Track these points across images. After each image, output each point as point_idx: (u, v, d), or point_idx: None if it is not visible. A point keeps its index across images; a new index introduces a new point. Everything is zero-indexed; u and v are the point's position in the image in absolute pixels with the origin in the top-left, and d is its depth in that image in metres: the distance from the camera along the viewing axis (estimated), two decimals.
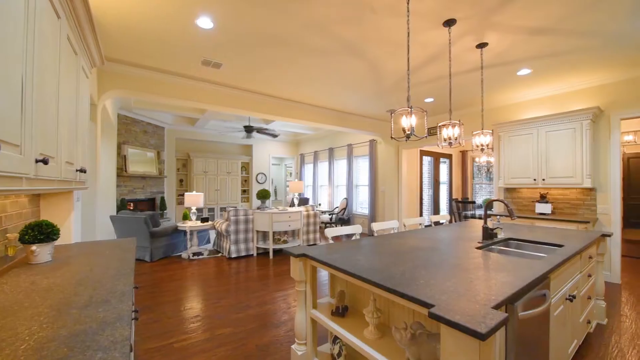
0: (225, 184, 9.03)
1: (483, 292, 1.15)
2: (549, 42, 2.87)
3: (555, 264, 1.54)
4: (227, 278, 3.89)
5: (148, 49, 3.08)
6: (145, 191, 6.88)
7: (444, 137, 2.57)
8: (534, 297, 1.36)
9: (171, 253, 5.08)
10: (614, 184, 3.74)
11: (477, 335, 0.82)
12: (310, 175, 9.90)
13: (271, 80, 3.99)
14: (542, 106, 4.42)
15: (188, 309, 2.92)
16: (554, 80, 3.93)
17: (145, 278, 3.87)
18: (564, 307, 1.75)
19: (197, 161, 8.51)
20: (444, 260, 1.63)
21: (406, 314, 1.56)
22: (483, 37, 2.79)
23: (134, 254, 1.68)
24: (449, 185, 8.56)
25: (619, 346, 2.26)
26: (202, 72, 3.69)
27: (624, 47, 2.98)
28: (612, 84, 3.77)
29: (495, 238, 2.28)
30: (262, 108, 4.68)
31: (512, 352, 1.20)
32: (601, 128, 3.86)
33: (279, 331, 2.50)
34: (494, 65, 3.45)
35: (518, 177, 4.33)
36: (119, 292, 1.11)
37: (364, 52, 3.11)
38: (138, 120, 6.69)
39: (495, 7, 2.33)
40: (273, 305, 3.02)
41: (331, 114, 5.65)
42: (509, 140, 4.43)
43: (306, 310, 1.90)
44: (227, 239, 4.94)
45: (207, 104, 4.16)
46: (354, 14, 2.41)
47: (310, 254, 1.77)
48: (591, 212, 3.92)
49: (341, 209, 7.62)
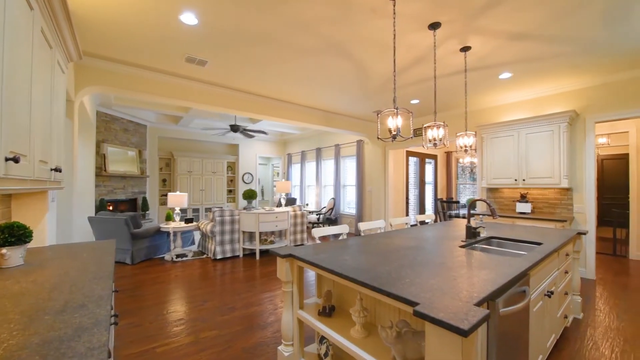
0: (211, 184, 8.87)
1: (466, 290, 1.17)
2: (529, 47, 2.98)
3: (534, 261, 1.60)
4: (212, 280, 3.81)
5: (129, 44, 2.98)
6: (126, 191, 6.67)
7: (429, 138, 2.62)
8: (515, 293, 1.40)
9: (153, 255, 4.94)
10: (589, 184, 3.92)
11: (460, 332, 0.84)
12: (297, 175, 9.87)
13: (258, 78, 3.95)
14: (522, 109, 4.57)
15: (171, 312, 2.84)
16: (534, 84, 4.08)
17: (126, 281, 3.75)
18: (543, 302, 1.82)
19: (181, 160, 8.31)
20: (429, 259, 1.66)
21: (392, 312, 1.57)
22: (467, 40, 2.86)
23: (113, 257, 1.62)
24: (434, 185, 8.73)
25: (594, 339, 2.37)
26: (186, 69, 3.61)
27: (597, 54, 3.13)
28: (587, 89, 3.95)
29: (478, 237, 2.34)
30: (248, 107, 4.62)
31: (493, 347, 1.23)
32: (577, 131, 4.03)
33: (265, 333, 2.47)
34: (477, 69, 3.54)
35: (500, 178, 4.47)
36: (97, 296, 1.06)
37: (351, 52, 3.13)
38: (118, 117, 6.47)
39: (478, 12, 2.39)
40: (260, 307, 2.99)
41: (318, 114, 5.65)
42: (491, 141, 4.57)
43: (293, 311, 1.89)
44: (212, 240, 4.85)
45: (192, 102, 4.07)
46: (340, 13, 2.42)
47: (297, 254, 1.76)
48: (568, 211, 4.09)
49: (329, 209, 7.64)
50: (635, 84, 3.58)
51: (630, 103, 3.62)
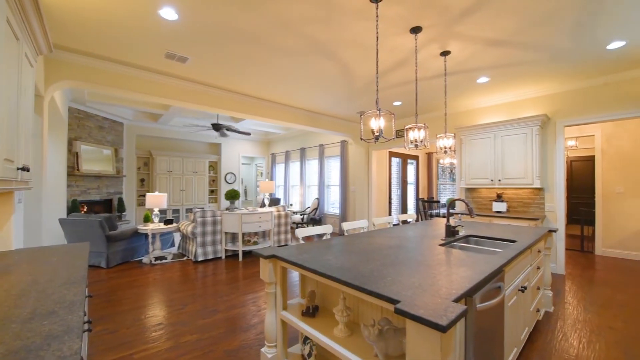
0: (192, 184, 8.64)
1: (445, 287, 1.21)
2: (504, 53, 3.11)
3: (509, 258, 1.67)
4: (193, 282, 3.72)
5: (104, 37, 2.85)
6: (101, 192, 6.38)
7: (411, 139, 2.68)
8: (491, 289, 1.46)
9: (131, 258, 4.75)
10: (559, 184, 4.15)
11: (439, 328, 0.87)
12: (281, 175, 9.80)
13: (241, 77, 3.89)
14: (499, 112, 4.77)
15: (149, 317, 2.75)
16: (509, 89, 4.27)
17: (101, 286, 3.58)
18: (517, 297, 1.90)
19: (160, 160, 8.05)
20: (410, 258, 1.70)
21: (375, 310, 1.60)
22: (446, 45, 2.94)
23: (86, 260, 1.54)
24: (416, 185, 8.94)
25: (564, 330, 2.51)
26: (166, 65, 3.50)
27: (565, 62, 3.31)
28: (557, 94, 4.17)
29: (457, 235, 2.42)
30: (231, 105, 4.55)
31: (471, 341, 1.28)
32: (548, 134, 4.25)
33: (248, 335, 2.44)
34: (456, 73, 3.66)
35: (478, 178, 4.64)
36: (68, 302, 1.01)
37: (335, 53, 3.14)
38: (93, 114, 6.17)
39: (457, 18, 2.47)
40: (242, 309, 2.94)
41: (302, 114, 5.64)
42: (469, 143, 4.73)
43: (276, 312, 1.87)
44: (193, 242, 4.73)
45: (172, 99, 3.95)
46: (324, 14, 2.43)
47: (280, 255, 1.75)
48: (540, 210, 4.30)
49: (313, 209, 7.64)
50: (599, 92, 3.82)
51: (594, 109, 3.86)
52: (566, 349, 2.23)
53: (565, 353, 2.17)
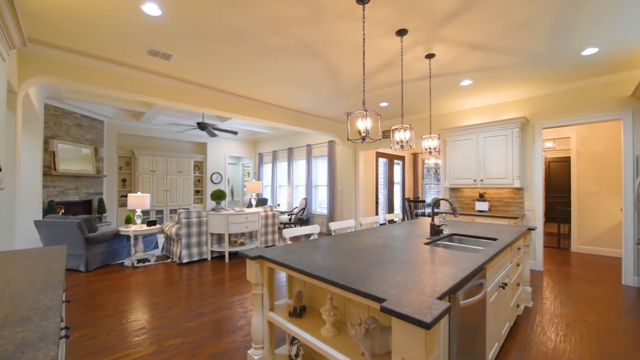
0: (176, 184, 8.44)
1: (429, 285, 1.23)
2: (486, 57, 3.21)
3: (490, 255, 1.72)
4: (177, 285, 3.64)
5: (83, 32, 2.75)
6: (80, 192, 6.14)
7: (397, 140, 2.72)
8: (473, 286, 1.50)
9: (112, 261, 4.60)
10: (537, 184, 4.31)
11: (423, 325, 0.88)
12: (269, 175, 9.73)
13: (227, 76, 3.84)
14: (481, 114, 4.91)
15: (131, 322, 2.66)
16: (491, 92, 4.40)
17: (80, 290, 3.45)
18: (498, 293, 1.96)
19: (142, 159, 7.82)
20: (396, 257, 1.72)
21: (362, 309, 1.61)
22: (431, 48, 3.01)
23: (63, 264, 1.48)
24: (402, 185, 9.07)
25: (542, 324, 2.61)
26: (149, 62, 3.41)
27: (543, 66, 3.45)
28: (536, 98, 4.34)
29: (441, 234, 2.47)
30: (216, 105, 4.48)
31: (454, 337, 1.31)
32: (528, 135, 4.41)
33: (235, 337, 2.41)
34: (441, 75, 3.74)
35: (461, 178, 4.76)
36: (44, 308, 0.97)
37: (322, 53, 3.15)
38: (71, 112, 5.94)
39: (441, 22, 2.52)
40: (229, 311, 2.90)
41: (290, 114, 5.62)
42: (453, 144, 4.85)
43: (263, 314, 1.86)
44: (178, 243, 4.63)
45: (155, 97, 3.85)
46: (311, 14, 2.43)
47: (267, 256, 1.74)
48: (520, 209, 4.46)
49: (300, 209, 7.62)
50: (573, 95, 4.00)
51: (570, 112, 4.04)
52: (544, 342, 2.32)
53: (543, 346, 2.26)
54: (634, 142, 3.61)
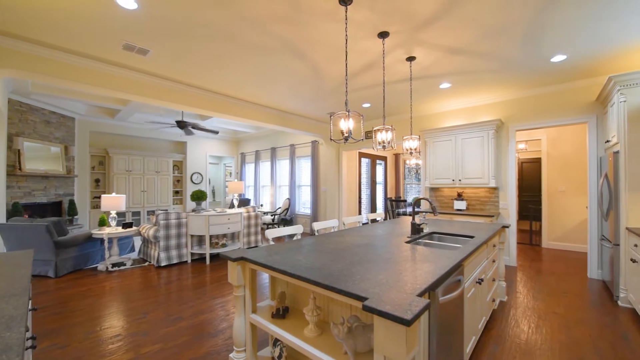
0: (154, 185, 8.15)
1: (410, 282, 1.26)
2: (464, 61, 3.32)
3: (467, 253, 1.78)
4: (155, 289, 3.51)
5: (52, 23, 2.60)
6: (48, 193, 5.80)
7: (379, 141, 2.76)
8: (451, 283, 1.55)
9: (84, 266, 4.37)
10: (511, 184, 4.51)
11: (404, 322, 0.90)
12: (251, 175, 9.60)
13: (207, 73, 3.75)
14: (460, 116, 5.08)
15: (105, 329, 2.54)
16: (469, 94, 4.56)
17: (49, 297, 3.25)
18: (475, 289, 2.04)
19: (117, 158, 7.49)
20: (378, 255, 1.75)
21: (345, 309, 1.62)
22: (412, 51, 3.07)
23: (29, 269, 1.39)
24: (384, 185, 9.22)
25: (516, 318, 2.73)
26: (124, 57, 3.27)
27: (517, 71, 3.62)
28: (510, 101, 4.54)
29: (422, 232, 2.54)
30: (197, 103, 4.36)
31: (434, 333, 1.34)
32: (502, 137, 4.61)
33: (216, 341, 2.35)
34: (421, 78, 3.83)
35: (440, 178, 4.90)
36: (7, 317, 0.91)
37: (305, 53, 3.14)
38: (38, 108, 5.59)
39: (421, 26, 2.59)
40: (210, 314, 2.83)
41: (273, 113, 5.57)
42: (433, 145, 4.98)
43: (245, 316, 1.83)
44: (156, 246, 4.47)
45: (131, 94, 3.70)
46: (294, 13, 2.42)
47: (249, 257, 1.72)
48: (495, 207, 4.65)
49: (284, 209, 7.57)
50: (544, 99, 4.22)
51: (541, 115, 4.26)
52: (518, 334, 2.43)
53: (517, 338, 2.37)
54: (597, 144, 3.86)
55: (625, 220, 2.92)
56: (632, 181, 2.88)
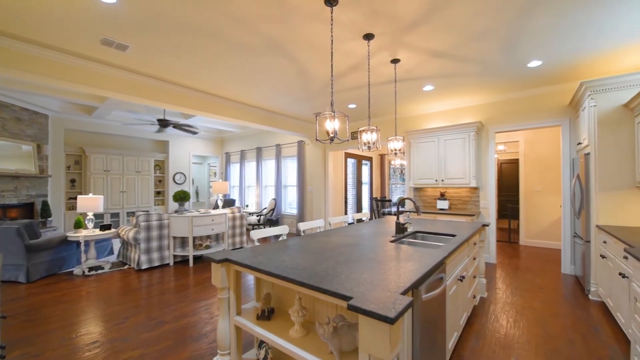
0: (134, 185, 7.89)
1: (394, 281, 1.28)
2: (446, 64, 3.41)
3: (449, 251, 1.83)
4: (135, 293, 3.40)
5: (23, 14, 2.46)
6: (19, 194, 5.49)
7: (364, 141, 2.79)
8: (434, 280, 1.58)
9: (58, 270, 4.17)
10: (491, 184, 4.67)
11: (388, 320, 0.92)
12: (236, 175, 9.46)
13: (191, 71, 3.67)
14: (442, 118, 5.21)
15: (82, 335, 2.44)
16: (451, 97, 4.68)
17: (20, 304, 3.09)
18: (457, 286, 2.09)
19: (95, 158, 7.20)
20: (363, 255, 1.77)
21: (330, 308, 1.63)
22: (396, 53, 3.12)
23: None
24: (370, 185, 9.32)
25: (495, 313, 2.83)
26: (102, 53, 3.15)
27: (496, 75, 3.75)
28: (490, 104, 4.70)
29: (406, 232, 2.58)
30: (180, 101, 4.26)
31: (417, 330, 1.37)
32: (482, 139, 4.76)
33: (200, 344, 2.31)
34: (405, 80, 3.90)
35: (424, 178, 5.01)
36: None
37: (291, 53, 3.13)
38: (8, 104, 5.30)
39: (405, 29, 2.63)
40: (193, 318, 2.77)
41: (258, 113, 5.51)
42: (417, 146, 5.08)
43: (229, 318, 1.80)
44: (136, 248, 4.33)
45: (110, 91, 3.56)
46: (279, 13, 2.41)
47: (234, 259, 1.69)
48: (476, 206, 4.80)
49: (269, 209, 7.51)
50: (521, 103, 4.40)
51: (518, 118, 4.43)
52: (497, 329, 2.52)
53: (496, 333, 2.45)
54: (570, 146, 4.05)
55: (595, 218, 3.08)
56: (602, 182, 3.04)
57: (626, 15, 2.41)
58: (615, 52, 3.07)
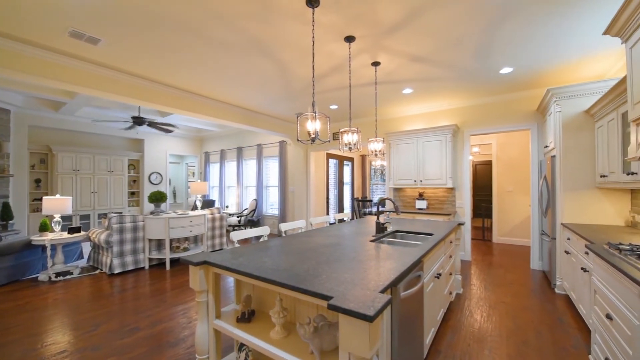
0: (106, 186, 7.51)
1: (374, 280, 1.31)
2: (424, 69, 3.51)
3: (427, 249, 1.89)
4: (107, 299, 3.24)
5: None
6: None
7: (345, 142, 2.82)
8: (412, 278, 1.63)
9: (21, 276, 3.90)
10: (466, 184, 4.86)
11: (367, 318, 0.93)
12: (216, 176, 9.25)
13: (169, 68, 3.55)
14: (421, 120, 5.36)
15: (48, 345, 2.29)
16: (429, 100, 4.83)
17: None
18: (434, 283, 2.16)
19: (63, 156, 6.79)
20: (344, 255, 1.78)
21: (311, 308, 1.63)
22: (377, 56, 3.18)
23: None
24: (352, 185, 9.42)
25: (470, 308, 2.94)
26: (71, 46, 2.98)
27: (471, 81, 3.91)
28: (465, 108, 4.89)
29: (386, 231, 2.63)
30: (156, 98, 4.11)
31: (396, 326, 1.41)
32: (458, 141, 4.95)
33: (177, 350, 2.24)
34: (385, 82, 3.98)
35: (403, 179, 5.13)
36: None
37: (273, 53, 3.11)
38: None
39: (385, 33, 2.69)
40: (170, 323, 2.68)
41: (238, 112, 5.42)
42: (397, 147, 5.20)
43: (208, 322, 1.76)
44: (108, 252, 4.13)
45: (79, 86, 3.38)
46: (261, 12, 2.39)
47: (213, 261, 1.66)
48: (452, 206, 4.97)
49: (250, 210, 7.41)
50: (494, 107, 4.62)
51: (491, 121, 4.65)
52: (472, 323, 2.63)
53: (471, 327, 2.55)
54: (538, 149, 4.30)
55: (560, 216, 3.29)
56: (566, 182, 3.25)
57: (589, 28, 2.59)
58: (579, 62, 3.29)
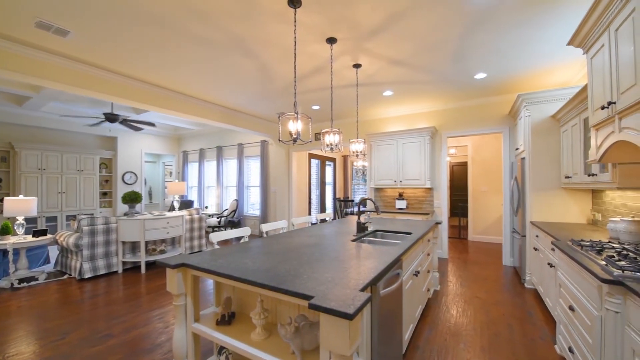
0: (75, 186, 7.11)
1: (354, 279, 1.33)
2: (404, 72, 3.60)
3: (405, 248, 1.94)
4: (77, 305, 3.07)
5: None
6: None
7: (327, 143, 2.84)
8: (391, 276, 1.67)
9: None
10: (443, 185, 5.03)
11: (347, 316, 0.95)
12: (195, 175, 9.00)
13: (144, 63, 3.42)
14: (401, 122, 5.48)
15: (11, 356, 2.14)
16: (409, 103, 4.95)
17: None
18: (412, 281, 2.22)
19: (26, 154, 6.35)
20: (325, 255, 1.80)
21: (293, 309, 1.63)
22: (358, 59, 3.23)
23: None
24: (334, 185, 9.48)
25: (447, 304, 3.05)
26: (38, 37, 2.80)
27: (448, 85, 4.05)
28: (442, 110, 5.06)
29: (366, 231, 2.68)
30: (131, 95, 3.94)
31: (376, 324, 1.44)
32: (436, 142, 5.11)
33: (154, 356, 2.16)
34: (367, 84, 4.04)
35: (384, 179, 5.23)
36: None
37: (254, 52, 3.08)
38: None
39: (366, 36, 2.74)
40: (146, 328, 2.58)
41: (218, 110, 5.31)
42: (377, 148, 5.29)
43: (187, 326, 1.71)
44: (78, 256, 3.91)
45: (45, 80, 3.18)
46: (243, 10, 2.36)
47: (191, 263, 1.62)
48: (431, 206, 5.13)
49: (231, 211, 7.27)
50: (469, 111, 4.81)
51: (467, 124, 4.84)
52: (448, 318, 2.72)
53: (447, 322, 2.65)
54: (510, 151, 4.53)
55: (529, 215, 3.48)
56: (535, 183, 3.45)
57: (555, 38, 2.76)
58: (547, 69, 3.50)
